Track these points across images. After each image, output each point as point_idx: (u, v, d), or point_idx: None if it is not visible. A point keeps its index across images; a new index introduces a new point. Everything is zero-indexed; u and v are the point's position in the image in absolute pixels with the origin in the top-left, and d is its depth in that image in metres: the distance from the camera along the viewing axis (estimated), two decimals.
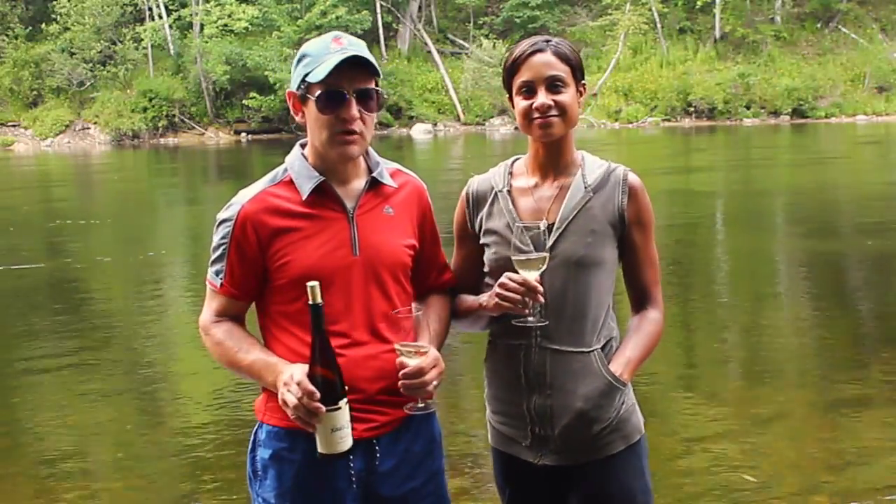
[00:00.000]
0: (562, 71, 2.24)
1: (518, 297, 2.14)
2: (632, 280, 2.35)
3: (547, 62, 2.24)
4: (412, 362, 2.07)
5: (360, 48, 2.13)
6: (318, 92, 2.11)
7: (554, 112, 2.23)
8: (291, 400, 1.98)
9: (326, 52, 2.11)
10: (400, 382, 2.08)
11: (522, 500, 2.40)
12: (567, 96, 2.24)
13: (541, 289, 2.15)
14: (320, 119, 2.13)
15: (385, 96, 2.21)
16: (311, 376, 2.00)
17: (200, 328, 2.25)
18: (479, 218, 2.38)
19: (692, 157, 24.66)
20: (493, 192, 2.36)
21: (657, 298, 2.35)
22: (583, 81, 2.30)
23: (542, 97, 2.23)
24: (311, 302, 1.99)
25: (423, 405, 2.13)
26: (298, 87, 2.16)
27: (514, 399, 2.31)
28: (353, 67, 2.10)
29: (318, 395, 1.97)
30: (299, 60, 2.17)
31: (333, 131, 2.13)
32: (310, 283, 1.98)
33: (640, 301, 2.35)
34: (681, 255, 10.15)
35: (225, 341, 2.19)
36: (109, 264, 11.87)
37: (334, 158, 2.17)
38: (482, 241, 2.35)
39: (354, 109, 2.12)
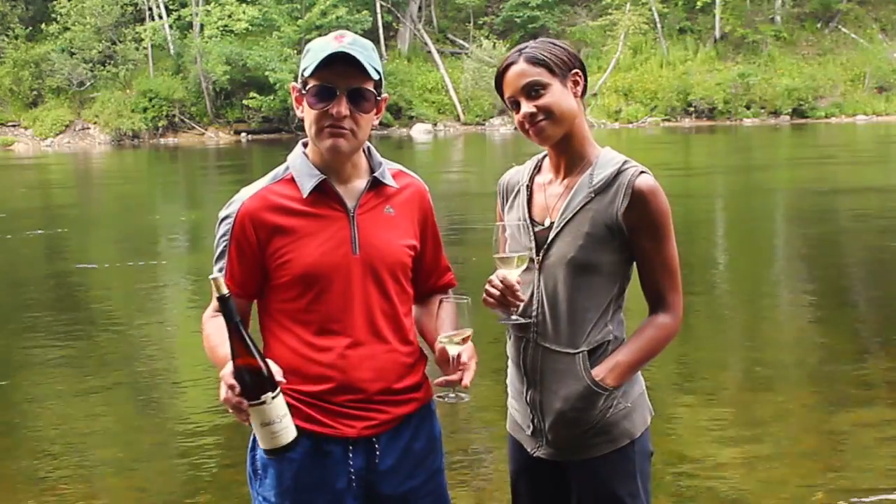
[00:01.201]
0: (534, 75, 2.22)
1: (497, 293, 2.17)
2: (643, 285, 2.31)
3: (519, 72, 2.24)
4: (455, 350, 2.09)
5: (360, 48, 2.12)
6: (310, 86, 2.12)
7: (540, 117, 2.23)
8: (221, 395, 1.94)
9: (326, 47, 2.11)
10: (438, 379, 2.11)
11: (526, 488, 2.42)
12: (548, 97, 2.22)
13: (517, 287, 2.16)
14: (310, 113, 2.14)
15: (379, 98, 2.18)
16: (235, 370, 1.93)
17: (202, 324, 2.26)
18: (505, 209, 2.40)
19: (727, 157, 24.65)
20: (519, 186, 2.38)
21: (671, 304, 2.29)
22: (574, 71, 2.26)
23: (524, 107, 2.24)
24: (216, 294, 1.92)
25: (454, 395, 2.13)
26: (298, 81, 2.18)
27: (519, 388, 2.35)
28: (345, 65, 2.09)
29: (237, 388, 1.91)
30: (304, 56, 2.17)
31: (321, 126, 2.13)
32: (211, 276, 1.94)
33: (653, 306, 2.31)
34: (680, 254, 10.13)
35: (212, 335, 2.17)
36: (110, 264, 11.87)
37: (323, 153, 2.16)
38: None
39: (343, 107, 2.10)
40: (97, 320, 8.32)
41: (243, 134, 38.67)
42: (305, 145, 2.25)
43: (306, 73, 2.13)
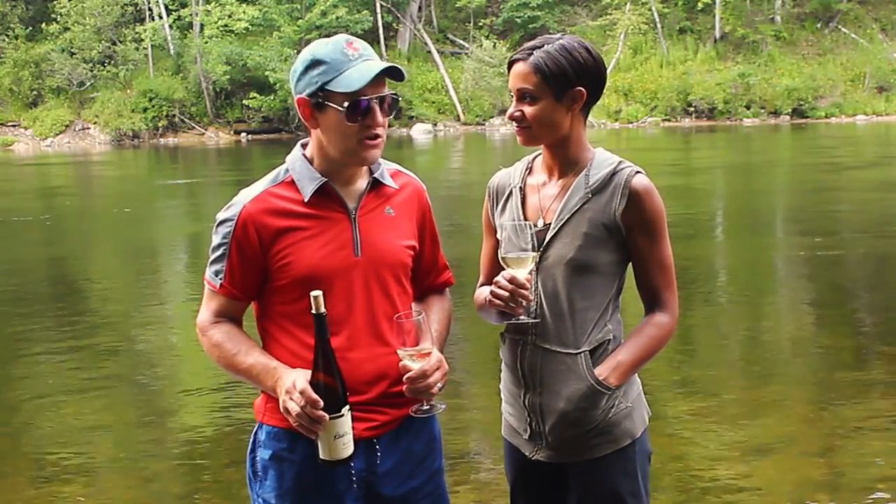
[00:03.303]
0: (530, 83, 2.22)
1: (507, 294, 2.16)
2: (639, 284, 2.33)
3: (519, 74, 2.24)
4: (415, 365, 2.07)
5: (372, 53, 2.13)
6: (346, 102, 2.08)
7: (523, 123, 2.25)
8: (294, 408, 1.99)
9: (346, 59, 2.09)
10: (404, 387, 2.09)
11: (525, 492, 2.42)
12: (534, 109, 2.23)
13: (527, 285, 2.17)
14: (347, 128, 2.10)
15: (399, 98, 2.21)
16: (313, 384, 2.00)
17: (198, 328, 2.24)
18: (496, 212, 2.40)
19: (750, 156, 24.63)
20: (510, 188, 2.38)
21: (667, 302, 2.31)
22: (577, 89, 2.23)
23: (512, 107, 2.27)
24: (314, 311, 1.99)
25: (427, 407, 2.14)
26: (314, 95, 2.11)
27: (515, 392, 2.35)
28: (379, 76, 2.09)
29: (321, 403, 1.97)
30: (311, 67, 2.11)
31: (360, 137, 2.12)
32: (313, 293, 1.99)
33: (649, 305, 2.33)
34: (680, 254, 10.14)
35: (224, 343, 2.18)
36: (110, 264, 11.87)
37: (357, 164, 2.17)
38: (497, 235, 2.37)
39: (380, 116, 2.12)
40: (96, 319, 8.32)
41: (243, 134, 38.64)
42: (304, 146, 2.25)
43: (335, 88, 2.07)
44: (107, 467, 4.87)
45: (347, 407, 2.02)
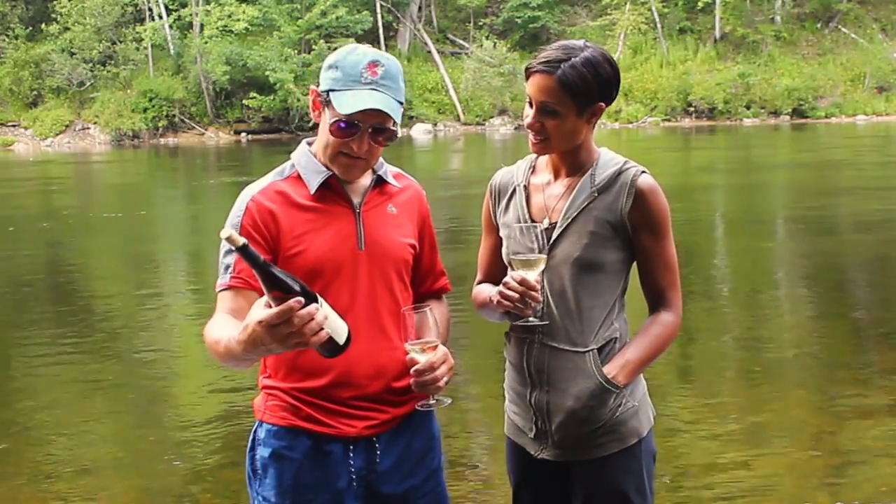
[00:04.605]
0: (555, 98, 2.20)
1: (516, 295, 2.15)
2: (644, 283, 2.33)
3: (544, 87, 2.21)
4: (422, 358, 2.07)
5: (391, 82, 2.14)
6: (335, 118, 2.12)
7: (541, 136, 2.25)
8: (282, 331, 1.76)
9: (357, 79, 2.11)
10: (411, 380, 2.09)
11: (529, 490, 2.42)
12: (557, 125, 2.22)
13: (537, 287, 2.16)
14: (329, 137, 2.15)
15: (399, 132, 2.20)
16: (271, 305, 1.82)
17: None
18: (498, 210, 2.40)
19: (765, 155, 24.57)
20: (513, 186, 2.37)
21: (672, 301, 2.32)
22: (599, 104, 2.25)
23: (532, 116, 2.25)
24: (233, 248, 1.79)
25: (434, 401, 2.14)
26: (323, 93, 2.16)
27: (521, 391, 2.34)
28: (375, 109, 2.10)
29: (298, 302, 1.76)
30: (330, 68, 2.16)
31: (338, 151, 2.15)
32: (223, 234, 1.80)
33: (654, 304, 2.34)
34: (681, 254, 10.12)
35: (211, 333, 2.07)
36: (110, 263, 11.87)
37: (335, 172, 2.19)
38: (500, 233, 2.37)
39: (365, 143, 2.13)
40: (96, 319, 8.31)
41: (243, 134, 38.62)
42: (310, 144, 2.26)
43: (332, 101, 2.12)
44: (107, 467, 4.87)
45: (318, 296, 1.83)
